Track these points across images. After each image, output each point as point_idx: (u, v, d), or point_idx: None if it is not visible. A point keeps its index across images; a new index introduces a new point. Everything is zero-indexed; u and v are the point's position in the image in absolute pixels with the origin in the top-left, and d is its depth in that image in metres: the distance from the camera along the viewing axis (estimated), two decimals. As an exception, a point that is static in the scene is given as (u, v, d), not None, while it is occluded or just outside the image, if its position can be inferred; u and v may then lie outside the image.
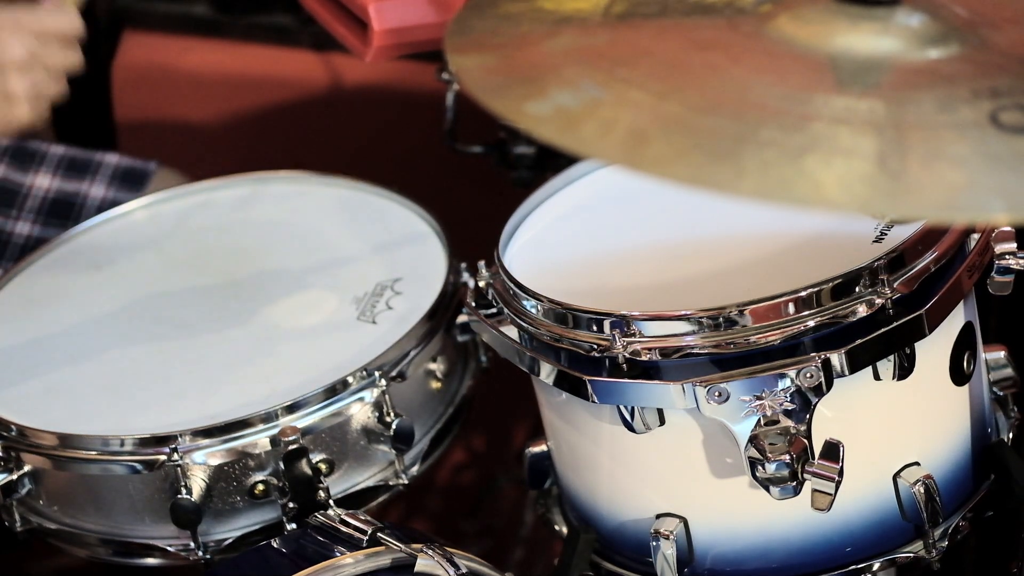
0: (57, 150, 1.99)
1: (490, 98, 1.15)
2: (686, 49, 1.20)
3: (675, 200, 1.52)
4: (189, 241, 1.81)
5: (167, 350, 1.64)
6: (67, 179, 1.96)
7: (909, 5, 1.20)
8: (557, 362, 1.40)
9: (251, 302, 1.69)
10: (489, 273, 1.50)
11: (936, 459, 1.42)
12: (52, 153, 1.98)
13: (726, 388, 1.32)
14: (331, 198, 1.85)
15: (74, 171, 1.97)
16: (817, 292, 1.32)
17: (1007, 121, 1.09)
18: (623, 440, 1.40)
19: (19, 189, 1.95)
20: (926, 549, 1.42)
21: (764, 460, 1.31)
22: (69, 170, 1.97)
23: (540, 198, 1.60)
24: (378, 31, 1.72)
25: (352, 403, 1.54)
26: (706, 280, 1.41)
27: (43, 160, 1.97)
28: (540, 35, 1.24)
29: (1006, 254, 1.39)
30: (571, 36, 1.24)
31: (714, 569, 1.42)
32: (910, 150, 1.07)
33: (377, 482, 1.58)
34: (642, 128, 1.10)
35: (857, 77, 1.17)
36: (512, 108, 1.14)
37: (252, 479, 1.52)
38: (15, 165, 1.96)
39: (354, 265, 1.71)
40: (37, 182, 1.95)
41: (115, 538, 1.57)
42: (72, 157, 1.99)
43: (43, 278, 1.78)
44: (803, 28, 1.20)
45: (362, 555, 1.42)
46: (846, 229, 1.42)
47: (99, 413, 1.56)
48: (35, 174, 1.96)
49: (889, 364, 1.35)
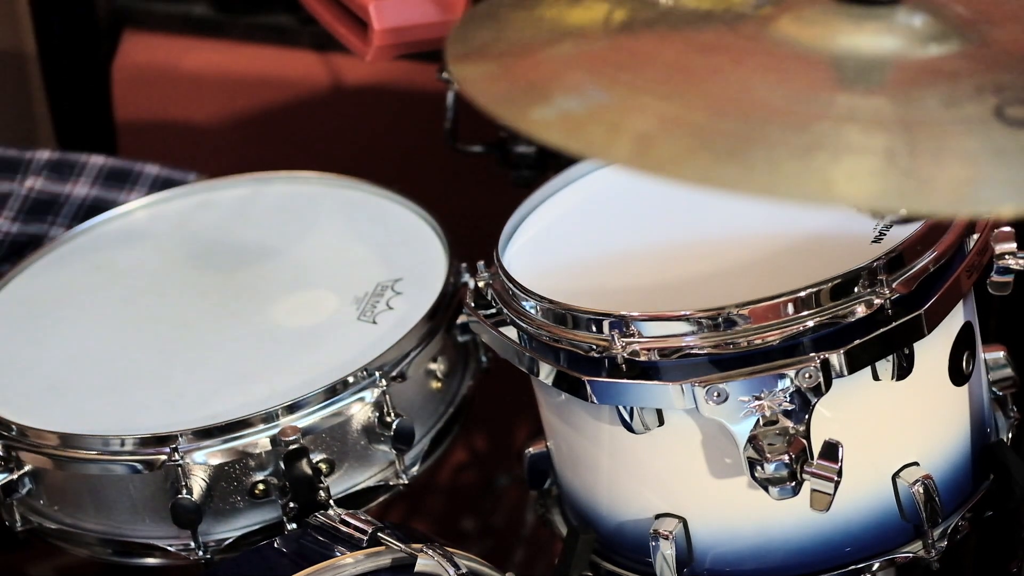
0: (98, 160, 1.99)
1: (495, 106, 1.15)
2: (688, 53, 1.20)
3: (674, 200, 1.52)
4: (189, 241, 1.81)
5: (167, 350, 1.64)
6: (106, 188, 1.96)
7: (910, 4, 1.20)
8: (556, 362, 1.40)
9: (251, 302, 1.69)
10: (488, 274, 1.50)
11: (935, 459, 1.42)
12: (92, 164, 1.98)
13: (725, 388, 1.32)
14: (331, 198, 1.85)
15: (113, 180, 1.97)
16: (816, 292, 1.32)
17: (1012, 115, 1.09)
18: (622, 440, 1.40)
19: (56, 199, 1.96)
20: (925, 549, 1.42)
21: (763, 460, 1.31)
22: (109, 179, 1.97)
23: (540, 198, 1.60)
24: (378, 31, 1.72)
25: (352, 403, 1.54)
26: (705, 280, 1.41)
27: (83, 170, 1.97)
28: (542, 43, 1.24)
29: (1005, 254, 1.38)
30: (573, 43, 1.24)
31: (713, 569, 1.42)
32: (918, 146, 1.07)
33: (377, 482, 1.58)
34: (649, 130, 1.10)
35: (860, 76, 1.17)
36: (518, 115, 1.14)
37: (252, 479, 1.52)
38: (54, 177, 1.96)
39: (354, 265, 1.71)
40: (76, 191, 1.96)
41: (115, 538, 1.57)
42: (112, 167, 1.99)
43: (43, 278, 1.78)
44: (804, 29, 1.20)
45: (362, 555, 1.43)
46: (845, 229, 1.42)
47: (99, 413, 1.56)
48: (74, 184, 1.96)
49: (888, 364, 1.35)
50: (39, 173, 1.97)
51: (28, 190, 1.95)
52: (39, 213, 1.95)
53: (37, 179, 1.96)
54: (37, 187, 1.95)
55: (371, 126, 2.40)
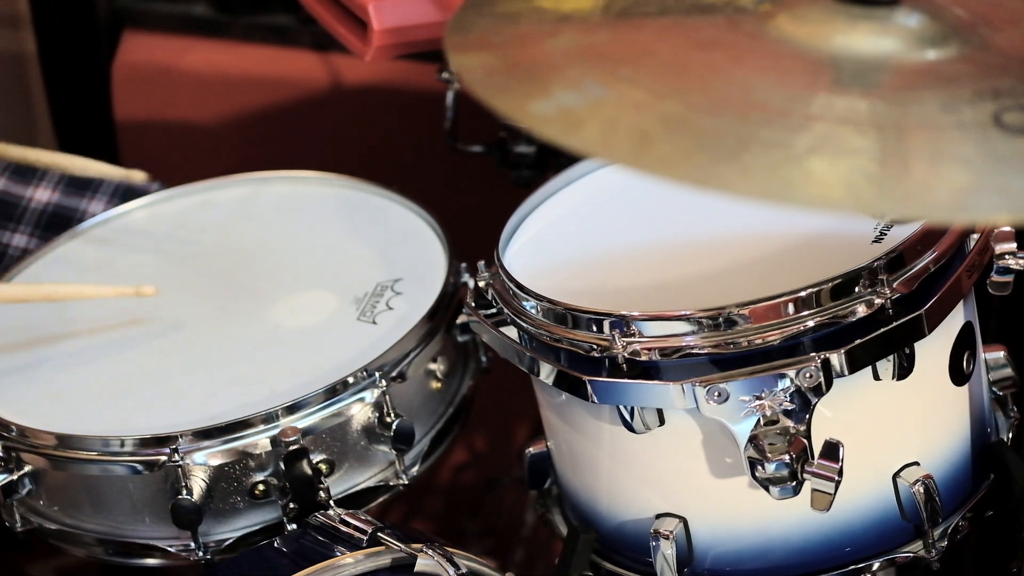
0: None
1: (493, 97, 1.15)
2: (687, 49, 1.20)
3: (675, 200, 1.52)
4: (189, 241, 1.81)
5: (167, 350, 1.64)
6: (67, 195, 1.95)
7: (908, 5, 1.20)
8: (557, 362, 1.40)
9: (251, 302, 1.69)
10: (489, 273, 1.50)
11: (936, 459, 1.42)
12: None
13: (726, 388, 1.32)
14: (331, 198, 1.85)
15: (74, 187, 1.96)
16: (817, 292, 1.32)
17: (1010, 122, 1.09)
18: (623, 440, 1.40)
19: (19, 202, 1.94)
20: (926, 549, 1.42)
21: (764, 460, 1.31)
22: (70, 186, 1.96)
23: (540, 198, 1.60)
24: (378, 31, 1.72)
25: (352, 403, 1.54)
26: (706, 280, 1.41)
27: (44, 175, 1.96)
28: (541, 34, 1.24)
29: (1006, 254, 1.38)
30: (572, 35, 1.24)
31: (714, 569, 1.42)
32: (913, 150, 1.07)
33: (377, 482, 1.58)
34: (646, 128, 1.10)
35: (858, 77, 1.17)
36: (516, 108, 1.14)
37: (253, 479, 1.52)
38: (16, 179, 1.95)
39: (354, 265, 1.71)
40: (37, 196, 1.95)
41: (115, 538, 1.57)
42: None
43: (43, 278, 1.78)
44: (803, 28, 1.20)
45: (362, 555, 1.43)
46: (846, 229, 1.42)
47: (99, 413, 1.56)
48: (35, 188, 1.95)
49: (889, 364, 1.35)
50: (2, 174, 1.95)
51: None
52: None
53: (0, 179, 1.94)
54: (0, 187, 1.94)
55: (371, 126, 2.40)
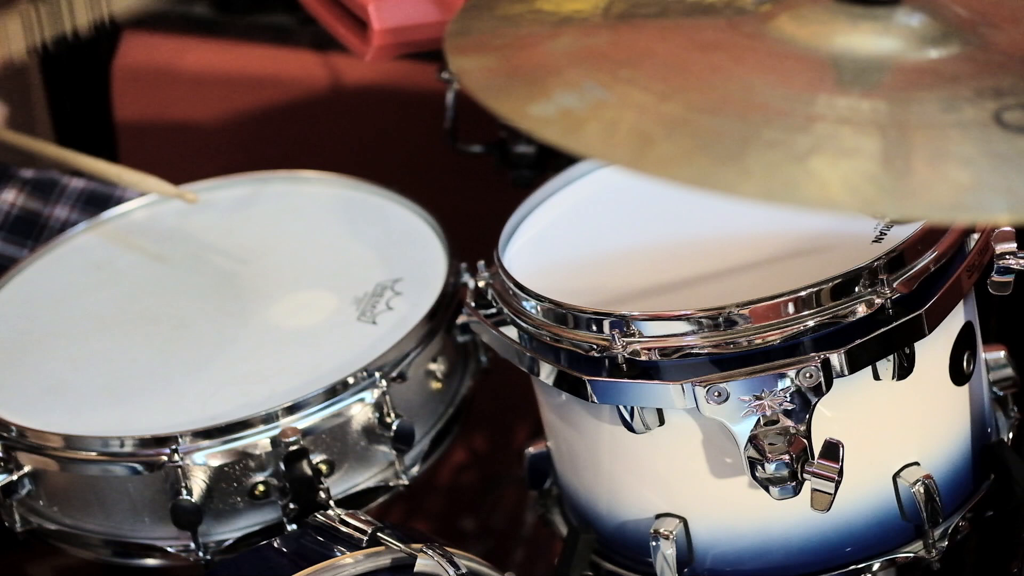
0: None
1: (493, 100, 1.14)
2: (688, 49, 1.20)
3: (675, 200, 1.52)
4: (189, 241, 1.81)
5: (167, 350, 1.64)
6: (32, 198, 1.94)
7: (909, 5, 1.20)
8: (557, 362, 1.40)
9: (251, 302, 1.69)
10: (489, 273, 1.50)
11: (936, 459, 1.42)
12: (72, 187, 1.96)
13: (726, 388, 1.32)
14: (331, 198, 1.85)
15: (40, 191, 1.95)
16: (817, 292, 1.32)
17: (1011, 121, 1.09)
18: (623, 440, 1.40)
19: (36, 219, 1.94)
20: (926, 549, 1.42)
21: (764, 460, 1.31)
22: (36, 189, 1.95)
23: (540, 198, 1.60)
24: (378, 30, 1.72)
25: (352, 404, 1.54)
26: (706, 280, 1.41)
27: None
28: (541, 36, 1.24)
29: (1006, 254, 1.38)
30: (572, 37, 1.23)
31: (714, 569, 1.42)
32: (915, 150, 1.07)
33: (377, 482, 1.58)
34: (646, 129, 1.10)
35: (859, 77, 1.16)
36: (516, 110, 1.14)
37: (252, 480, 1.52)
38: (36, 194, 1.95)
39: (354, 265, 1.71)
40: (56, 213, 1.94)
41: (115, 539, 1.57)
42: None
43: (43, 278, 1.78)
44: (804, 28, 1.20)
45: (362, 555, 1.42)
46: (846, 229, 1.42)
47: (99, 414, 1.56)
48: (54, 205, 1.94)
49: (889, 364, 1.35)
50: (22, 189, 1.95)
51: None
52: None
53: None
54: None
55: (371, 126, 2.40)
